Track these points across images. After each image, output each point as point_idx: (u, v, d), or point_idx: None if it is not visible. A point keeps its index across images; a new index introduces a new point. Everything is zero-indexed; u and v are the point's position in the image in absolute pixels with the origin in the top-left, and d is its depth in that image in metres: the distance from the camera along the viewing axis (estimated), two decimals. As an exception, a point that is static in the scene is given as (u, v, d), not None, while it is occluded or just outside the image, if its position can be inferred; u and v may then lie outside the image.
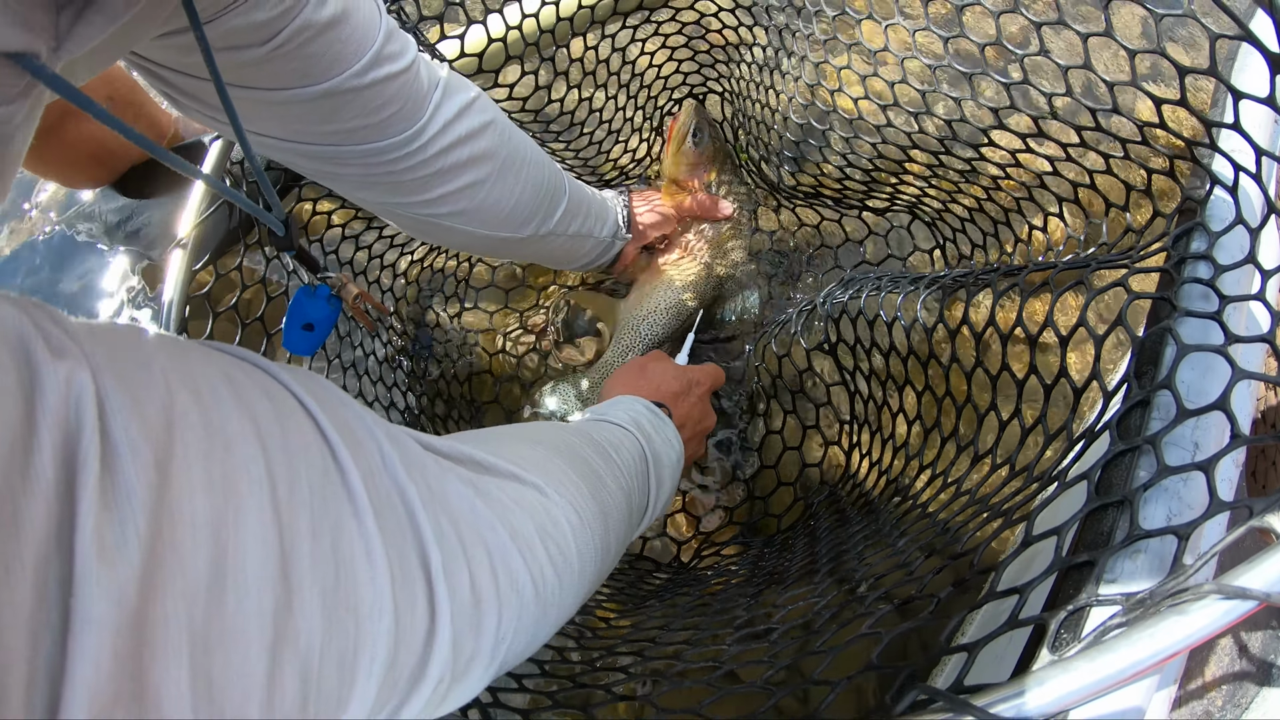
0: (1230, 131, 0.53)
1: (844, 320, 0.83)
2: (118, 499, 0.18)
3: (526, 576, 0.37)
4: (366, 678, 0.25)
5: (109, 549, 0.18)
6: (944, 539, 0.55)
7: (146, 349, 0.22)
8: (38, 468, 0.17)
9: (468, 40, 0.93)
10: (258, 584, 0.21)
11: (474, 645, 0.33)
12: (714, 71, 1.11)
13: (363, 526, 0.26)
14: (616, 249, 0.95)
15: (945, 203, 0.93)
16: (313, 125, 0.57)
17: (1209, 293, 0.49)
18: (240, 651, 0.20)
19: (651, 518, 0.63)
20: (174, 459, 0.20)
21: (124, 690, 0.17)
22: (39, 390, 0.18)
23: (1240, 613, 0.32)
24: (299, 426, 0.26)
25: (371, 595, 0.26)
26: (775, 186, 1.09)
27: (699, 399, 0.81)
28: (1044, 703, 0.34)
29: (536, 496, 0.42)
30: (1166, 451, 0.43)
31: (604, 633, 0.68)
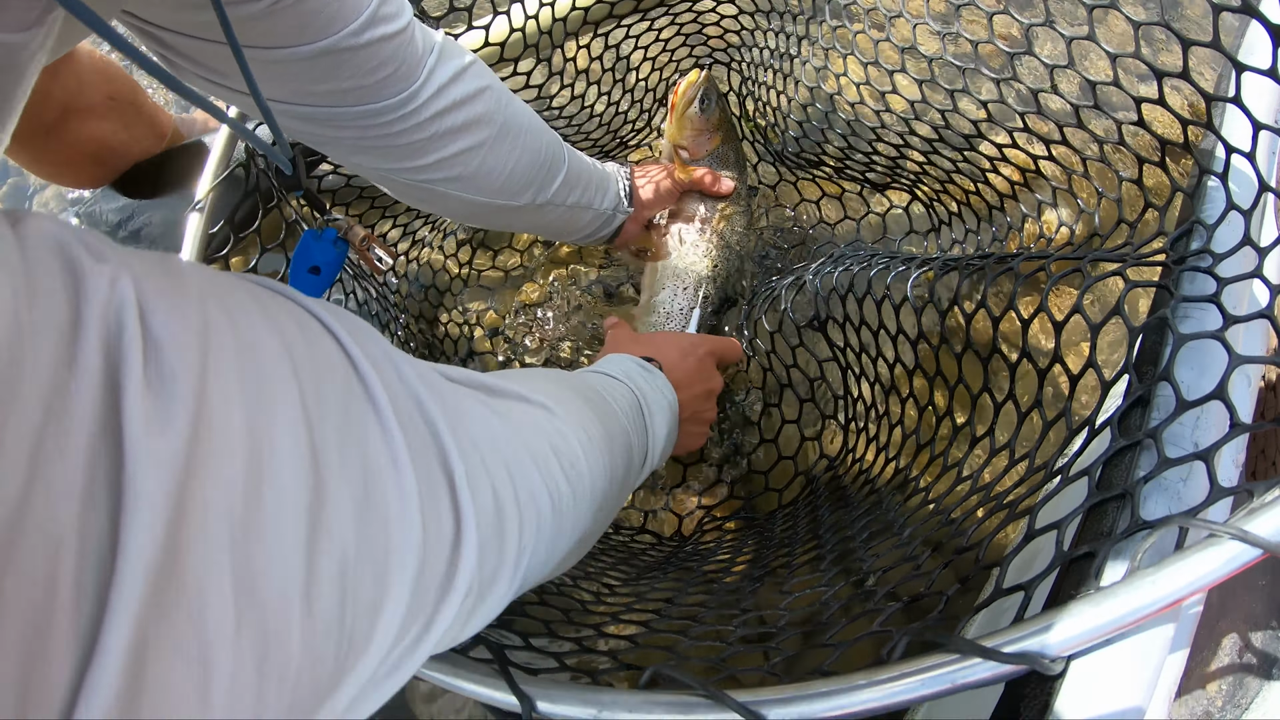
0: (1231, 107, 0.53)
1: (833, 297, 0.83)
2: (163, 383, 0.19)
3: (543, 489, 0.38)
4: (399, 585, 0.26)
5: (155, 425, 0.18)
6: (949, 531, 0.56)
7: (179, 266, 0.23)
8: (83, 357, 0.18)
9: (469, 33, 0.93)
10: (293, 484, 0.22)
11: (498, 558, 0.33)
12: (722, 42, 1.11)
13: (388, 436, 0.27)
14: (618, 222, 0.94)
15: (944, 182, 0.93)
16: (310, 85, 0.57)
17: (1207, 279, 0.49)
18: (279, 547, 0.21)
19: (651, 464, 0.64)
20: (209, 363, 0.20)
21: (168, 574, 0.18)
22: (83, 288, 0.19)
23: (1243, 561, 0.33)
24: (323, 344, 0.27)
25: (400, 504, 0.26)
26: (780, 156, 1.08)
27: (698, 360, 0.80)
28: (1049, 643, 0.35)
29: (546, 415, 0.43)
30: (1168, 444, 0.43)
31: (607, 599, 0.68)
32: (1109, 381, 0.50)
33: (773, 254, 1.10)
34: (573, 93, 1.06)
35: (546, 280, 1.12)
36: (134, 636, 0.17)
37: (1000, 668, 0.34)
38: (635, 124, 1.15)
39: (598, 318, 1.08)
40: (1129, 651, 0.36)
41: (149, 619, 0.17)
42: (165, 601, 0.18)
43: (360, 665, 0.25)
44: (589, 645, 0.57)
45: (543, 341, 1.08)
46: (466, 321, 1.09)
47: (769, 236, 1.11)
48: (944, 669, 0.35)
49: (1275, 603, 0.51)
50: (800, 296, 0.87)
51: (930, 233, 0.99)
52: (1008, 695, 0.40)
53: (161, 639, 0.17)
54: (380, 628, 0.25)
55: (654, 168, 0.97)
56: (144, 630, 0.17)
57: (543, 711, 0.40)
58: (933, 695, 0.35)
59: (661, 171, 0.97)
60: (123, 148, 1.05)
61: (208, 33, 0.50)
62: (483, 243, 1.13)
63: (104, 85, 0.99)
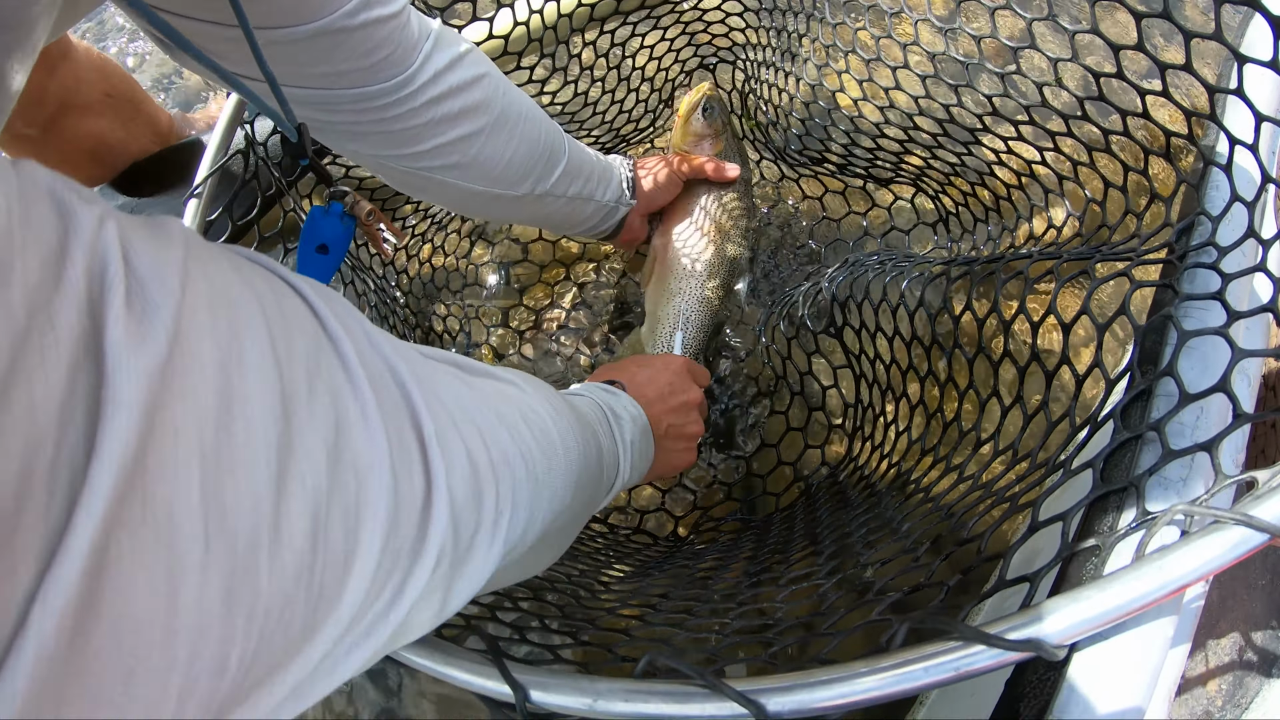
0: (1234, 99, 0.53)
1: (850, 304, 0.83)
2: (144, 311, 0.20)
3: (517, 452, 0.38)
4: (371, 535, 0.26)
5: (135, 342, 0.19)
6: (949, 524, 0.55)
7: (162, 221, 0.24)
8: (69, 280, 0.18)
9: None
10: (263, 422, 0.22)
11: (475, 520, 0.34)
12: (727, 40, 1.11)
13: (357, 390, 0.28)
14: (620, 214, 0.93)
15: (949, 175, 0.92)
16: (305, 67, 0.58)
17: (1211, 275, 0.49)
18: (249, 480, 0.21)
19: (624, 475, 0.63)
20: (186, 301, 0.21)
21: (137, 487, 0.18)
22: (71, 222, 0.19)
23: (1247, 548, 0.32)
24: (293, 302, 0.27)
25: (370, 454, 0.27)
26: (782, 153, 1.08)
27: (670, 374, 0.79)
28: (1053, 629, 0.34)
29: (514, 390, 0.44)
30: (1172, 437, 0.43)
31: (604, 594, 0.68)
32: (1113, 379, 0.50)
33: (781, 255, 1.10)
34: (575, 89, 1.06)
35: (551, 277, 1.12)
36: (98, 539, 0.17)
37: (1004, 655, 0.33)
38: (639, 122, 1.14)
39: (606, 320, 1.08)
40: (1129, 650, 0.36)
41: (114, 524, 0.18)
42: (133, 510, 0.18)
43: (332, 620, 0.25)
44: (584, 639, 0.56)
45: (547, 338, 1.07)
46: (466, 316, 1.08)
47: (773, 234, 1.11)
48: (947, 656, 0.34)
49: (1275, 603, 0.51)
50: (818, 302, 0.87)
51: (938, 223, 0.99)
52: (1007, 695, 0.40)
53: (126, 547, 0.18)
54: (352, 580, 0.25)
55: (656, 159, 0.97)
56: (108, 535, 0.17)
57: (536, 701, 0.39)
58: (935, 683, 0.34)
59: (663, 162, 0.96)
60: (120, 145, 1.05)
61: (208, 14, 0.50)
62: (482, 235, 1.13)
63: (101, 82, 0.99)
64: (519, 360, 1.06)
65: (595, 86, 1.07)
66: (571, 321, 1.08)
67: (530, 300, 1.10)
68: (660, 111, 1.16)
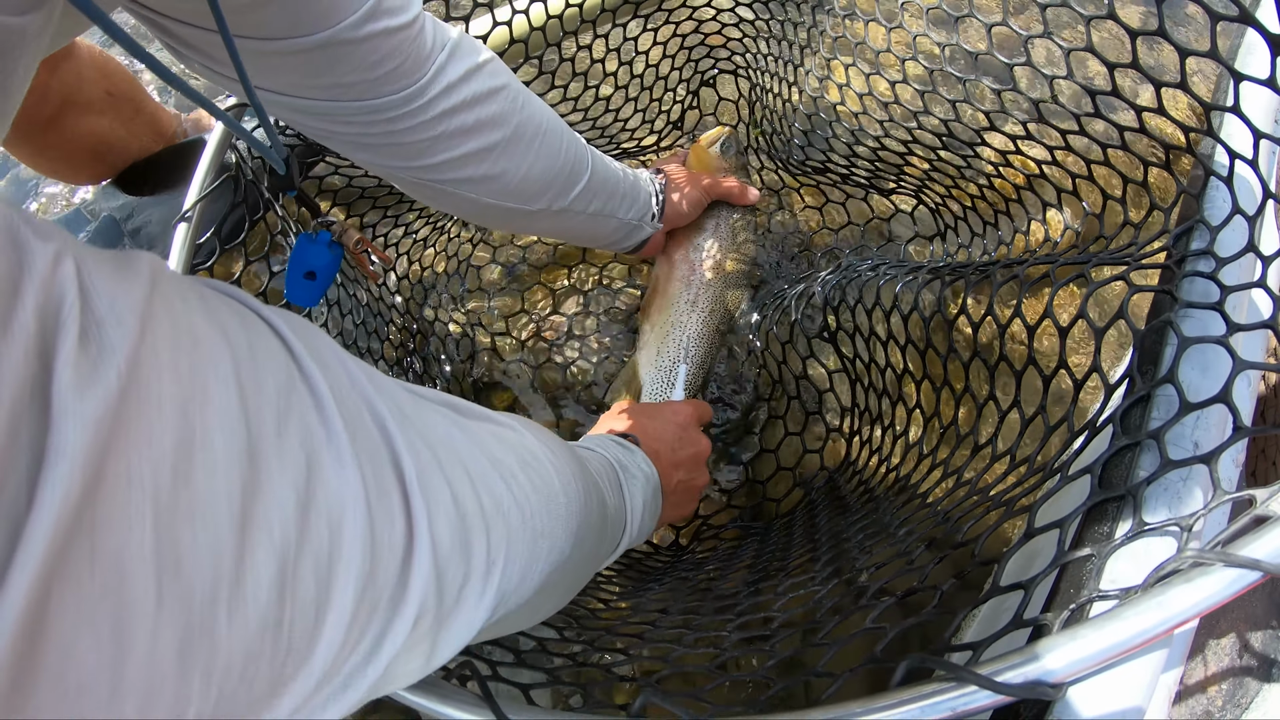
0: (1230, 116, 0.53)
1: (843, 308, 0.82)
2: (99, 353, 0.19)
3: (511, 501, 0.36)
4: (344, 586, 0.25)
5: (83, 386, 0.18)
6: (945, 529, 0.55)
7: (126, 257, 0.23)
8: (17, 321, 0.17)
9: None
10: (226, 467, 0.21)
11: (464, 570, 0.32)
12: (725, 51, 1.12)
13: (331, 432, 0.26)
14: (645, 234, 0.91)
15: (949, 188, 0.92)
16: (308, 79, 0.56)
17: (1210, 285, 0.49)
18: (210, 530, 0.20)
19: (630, 536, 0.61)
20: (144, 344, 0.20)
21: (82, 538, 0.17)
22: (26, 260, 0.18)
23: (1245, 584, 0.33)
24: (265, 341, 0.26)
25: (345, 500, 0.25)
26: (785, 163, 1.08)
27: (677, 427, 0.78)
28: (1050, 669, 0.34)
29: (512, 434, 0.41)
30: (1170, 446, 0.43)
31: (604, 614, 0.68)
32: (1112, 384, 0.50)
33: (783, 263, 1.10)
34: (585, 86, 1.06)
35: (552, 280, 1.11)
36: (35, 595, 0.16)
37: (998, 696, 0.33)
38: (654, 125, 1.15)
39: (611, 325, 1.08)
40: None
41: (54, 578, 0.16)
42: (77, 564, 0.17)
43: (302, 674, 0.23)
44: (582, 659, 0.56)
45: (549, 345, 1.07)
46: (470, 323, 1.08)
47: (775, 242, 1.11)
48: (943, 696, 0.35)
49: (1275, 603, 0.51)
50: (810, 307, 0.87)
51: (936, 237, 0.99)
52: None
53: (69, 603, 0.17)
54: (325, 633, 0.24)
55: (685, 175, 0.95)
56: (48, 590, 0.16)
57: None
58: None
59: (692, 181, 0.94)
60: (121, 144, 1.05)
61: (205, 21, 0.49)
62: (484, 240, 1.13)
63: (103, 81, 0.98)
64: (520, 366, 1.06)
65: (589, 94, 1.07)
66: (575, 328, 1.08)
67: (531, 305, 1.10)
68: (666, 132, 1.16)
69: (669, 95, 1.13)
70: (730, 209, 1.00)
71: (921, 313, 0.68)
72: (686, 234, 0.98)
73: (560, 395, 1.04)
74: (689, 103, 1.16)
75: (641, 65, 1.08)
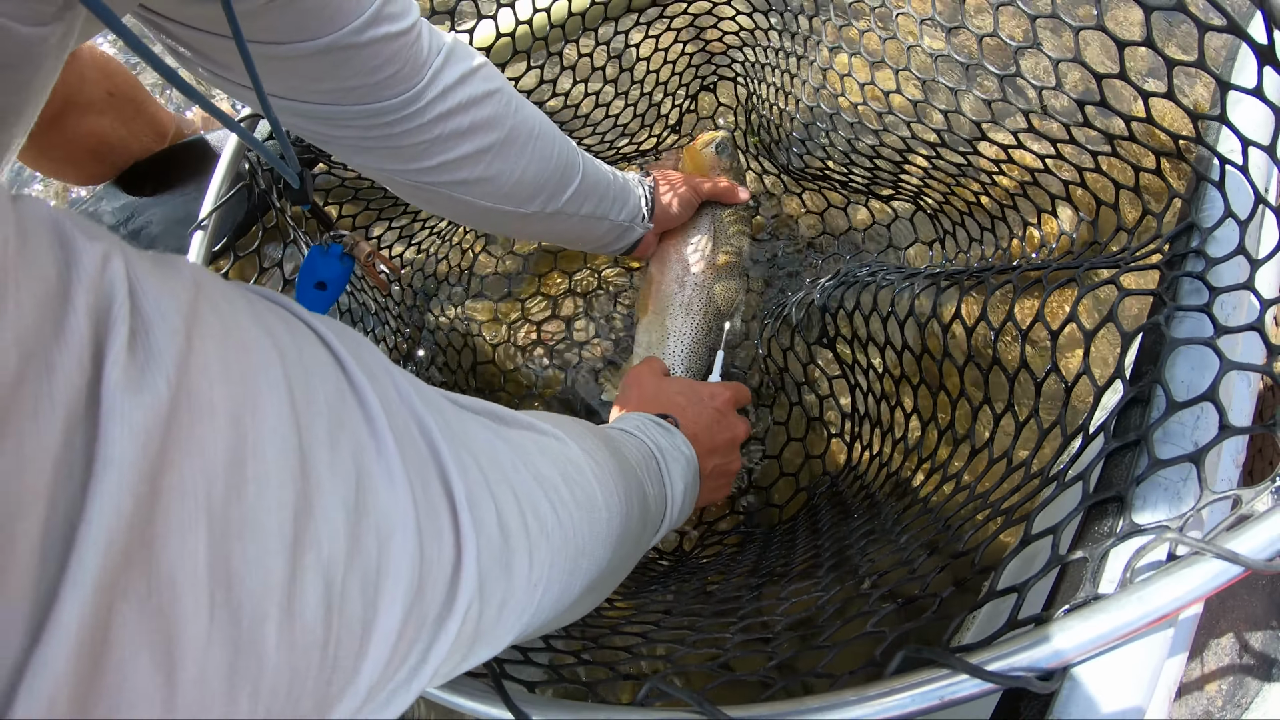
0: (1219, 125, 0.53)
1: (841, 314, 0.83)
2: (148, 357, 0.18)
3: (554, 519, 0.36)
4: (391, 604, 0.24)
5: (133, 392, 0.18)
6: (945, 536, 0.56)
7: (172, 259, 0.22)
8: (72, 323, 0.17)
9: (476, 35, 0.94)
10: (278, 480, 0.21)
11: (505, 587, 0.32)
12: (725, 59, 1.13)
13: (381, 446, 0.26)
14: (636, 235, 0.93)
15: (946, 194, 0.93)
16: (310, 83, 0.57)
17: (1199, 286, 0.49)
18: (260, 545, 0.20)
19: (670, 521, 0.62)
20: (194, 347, 0.20)
21: (136, 554, 0.17)
22: (75, 260, 0.18)
23: (1227, 578, 0.33)
24: (314, 350, 0.26)
25: (395, 516, 0.25)
26: (784, 169, 1.09)
27: (715, 410, 0.79)
28: (1037, 659, 0.35)
29: (556, 444, 0.41)
30: (1160, 447, 0.44)
31: (606, 611, 0.68)
32: (1102, 387, 0.50)
33: (780, 271, 1.11)
34: (585, 90, 1.07)
35: (552, 285, 1.12)
36: (94, 614, 0.16)
37: (988, 685, 0.34)
38: (653, 128, 1.15)
39: (613, 327, 1.08)
40: (1129, 650, 0.36)
41: (114, 596, 0.16)
42: (135, 580, 0.17)
43: (349, 694, 0.23)
44: (586, 658, 0.57)
45: (549, 348, 1.08)
46: (470, 333, 1.08)
47: (770, 251, 1.12)
48: (934, 685, 0.35)
49: (1275, 603, 0.51)
50: (810, 313, 0.88)
51: (935, 242, 1.00)
52: (1008, 694, 0.41)
53: (130, 621, 0.16)
54: (372, 651, 0.24)
55: (674, 176, 0.96)
56: (109, 608, 0.16)
57: (539, 728, 0.40)
58: (922, 711, 0.35)
59: (683, 182, 0.96)
60: (122, 144, 1.06)
61: (213, 26, 0.50)
62: (485, 248, 1.14)
63: (104, 81, 0.99)
64: (522, 370, 1.06)
65: (589, 100, 1.08)
66: (575, 332, 1.08)
67: (530, 309, 1.11)
68: (665, 136, 1.17)
69: (667, 100, 1.14)
70: (723, 207, 1.01)
71: (918, 319, 0.69)
72: (679, 233, 0.99)
73: (560, 397, 1.04)
74: (686, 107, 1.17)
75: (642, 70, 1.09)
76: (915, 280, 0.73)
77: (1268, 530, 0.33)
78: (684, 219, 0.98)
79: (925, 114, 0.85)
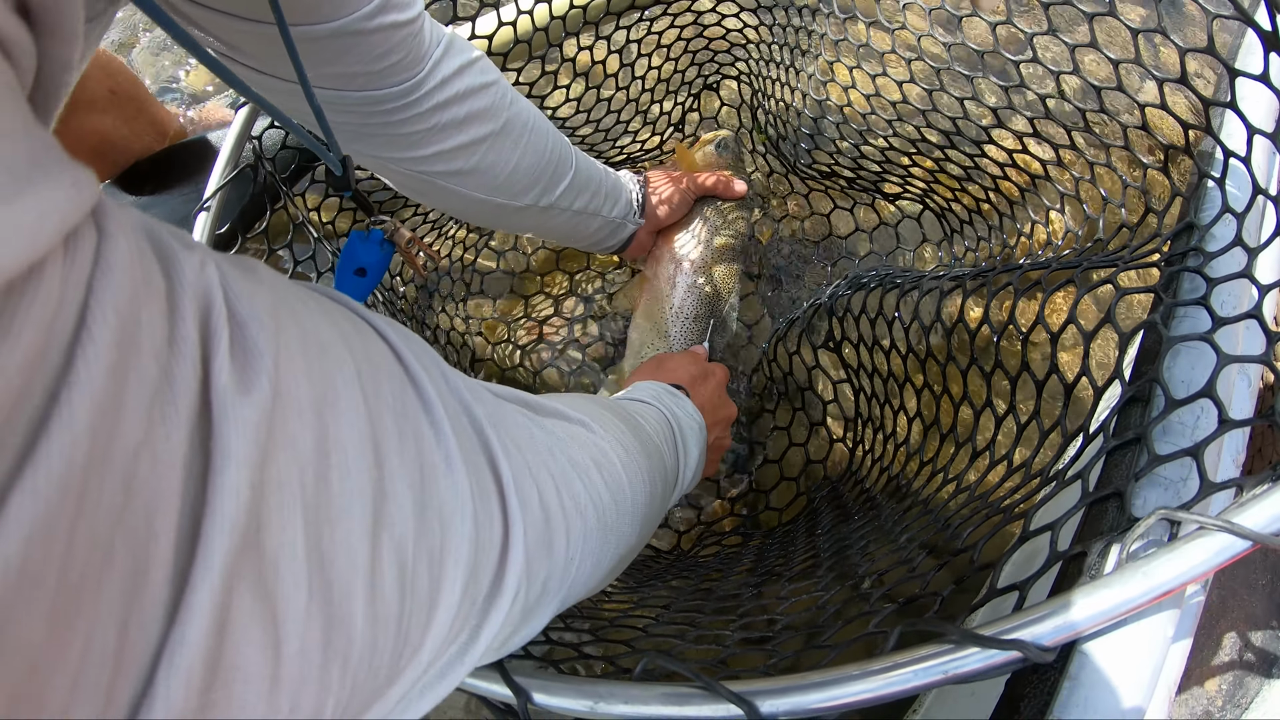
0: (1229, 111, 0.53)
1: (848, 318, 0.83)
2: (247, 357, 0.20)
3: (588, 499, 0.38)
4: (452, 583, 0.26)
5: (241, 392, 0.19)
6: (944, 535, 0.55)
7: (251, 262, 0.24)
8: (182, 333, 0.18)
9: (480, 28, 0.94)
10: (357, 469, 0.22)
11: (547, 566, 0.34)
12: (729, 56, 1.13)
13: (440, 436, 0.27)
14: (629, 231, 0.94)
15: (955, 191, 0.93)
16: (315, 67, 0.57)
17: (1196, 279, 0.49)
18: (345, 528, 0.21)
19: (683, 487, 0.64)
20: (281, 346, 0.21)
21: (251, 539, 0.18)
22: (177, 272, 0.19)
23: (1232, 553, 0.33)
24: (377, 345, 0.28)
25: (454, 501, 0.27)
26: (791, 167, 1.09)
27: (716, 387, 0.81)
28: (1044, 631, 0.35)
29: (585, 431, 0.43)
30: (1159, 443, 0.44)
31: (605, 605, 0.68)
32: (1101, 387, 0.50)
33: (784, 274, 1.11)
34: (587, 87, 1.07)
35: (554, 284, 1.12)
36: (219, 597, 0.17)
37: (992, 657, 0.34)
38: (656, 125, 1.15)
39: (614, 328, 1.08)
40: (1129, 649, 0.36)
41: (234, 579, 0.18)
42: (249, 565, 0.18)
43: (414, 665, 0.25)
44: (585, 651, 0.57)
45: (549, 348, 1.08)
46: (469, 331, 1.08)
47: (783, 250, 1.12)
48: (937, 659, 0.35)
49: (1275, 603, 0.51)
50: (818, 316, 0.88)
51: (943, 241, 1.00)
52: (1008, 694, 0.40)
53: (246, 602, 0.18)
54: (434, 627, 0.25)
55: (666, 176, 0.97)
56: (230, 591, 0.17)
57: (539, 703, 0.40)
58: (925, 685, 0.35)
59: (674, 180, 0.96)
60: (123, 143, 1.05)
61: (227, 5, 0.51)
62: (487, 244, 1.13)
63: (106, 80, 0.99)
64: (521, 370, 1.06)
65: (590, 94, 1.08)
66: (578, 335, 1.08)
67: (532, 308, 1.11)
68: (667, 134, 1.17)
69: (670, 97, 1.14)
70: (719, 200, 1.00)
71: (922, 321, 0.69)
72: (674, 230, 0.99)
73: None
74: (690, 105, 1.17)
75: (644, 67, 1.09)
76: (922, 283, 0.73)
77: (1271, 506, 0.33)
78: (678, 216, 0.97)
79: (935, 101, 0.85)
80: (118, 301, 0.17)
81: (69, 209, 0.16)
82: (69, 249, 0.16)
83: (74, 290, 0.16)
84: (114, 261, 0.17)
